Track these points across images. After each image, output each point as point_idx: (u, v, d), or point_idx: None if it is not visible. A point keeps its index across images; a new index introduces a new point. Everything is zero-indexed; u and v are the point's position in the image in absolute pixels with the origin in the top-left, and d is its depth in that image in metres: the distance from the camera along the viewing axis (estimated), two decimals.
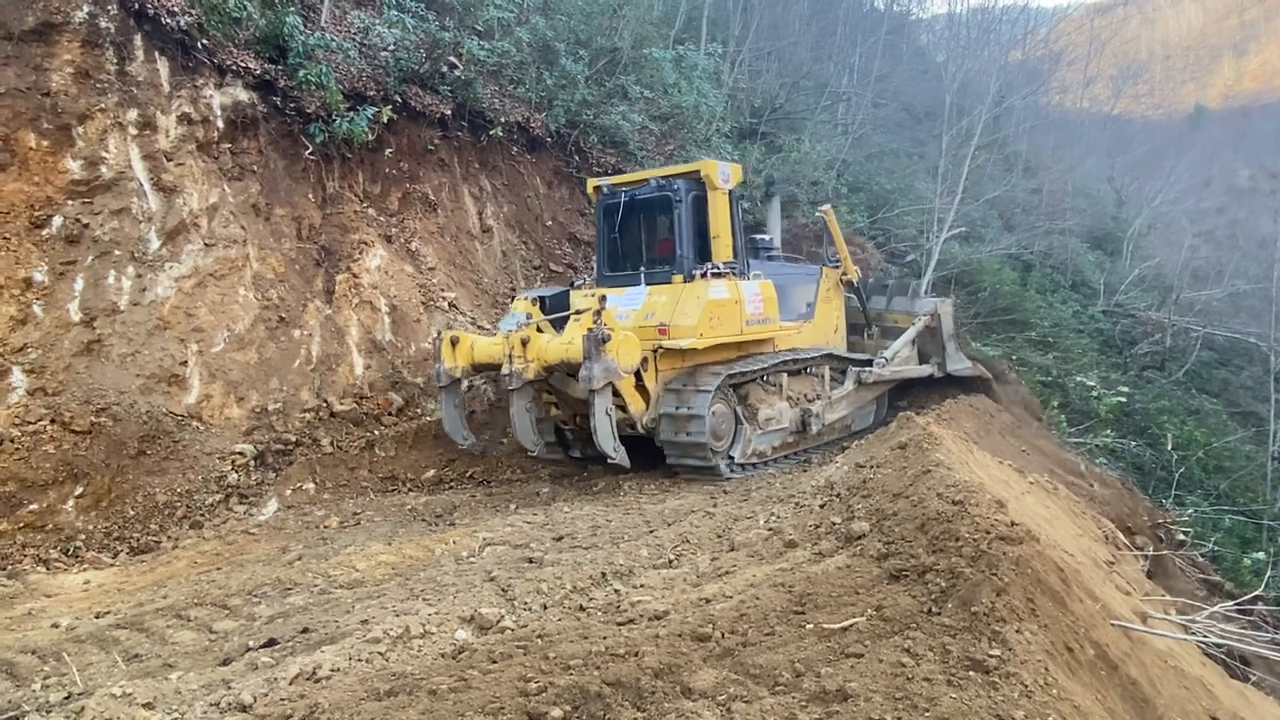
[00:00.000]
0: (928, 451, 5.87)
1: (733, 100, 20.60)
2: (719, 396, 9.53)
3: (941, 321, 12.81)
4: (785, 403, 10.54)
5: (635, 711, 3.40)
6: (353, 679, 3.97)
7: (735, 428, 9.82)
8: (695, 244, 10.11)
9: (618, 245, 10.83)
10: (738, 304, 9.95)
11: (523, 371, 8.94)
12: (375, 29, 12.50)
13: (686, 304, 9.50)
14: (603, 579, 5.67)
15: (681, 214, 10.02)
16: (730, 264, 10.11)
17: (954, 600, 4.23)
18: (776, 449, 10.46)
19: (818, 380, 11.26)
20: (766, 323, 10.42)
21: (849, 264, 12.57)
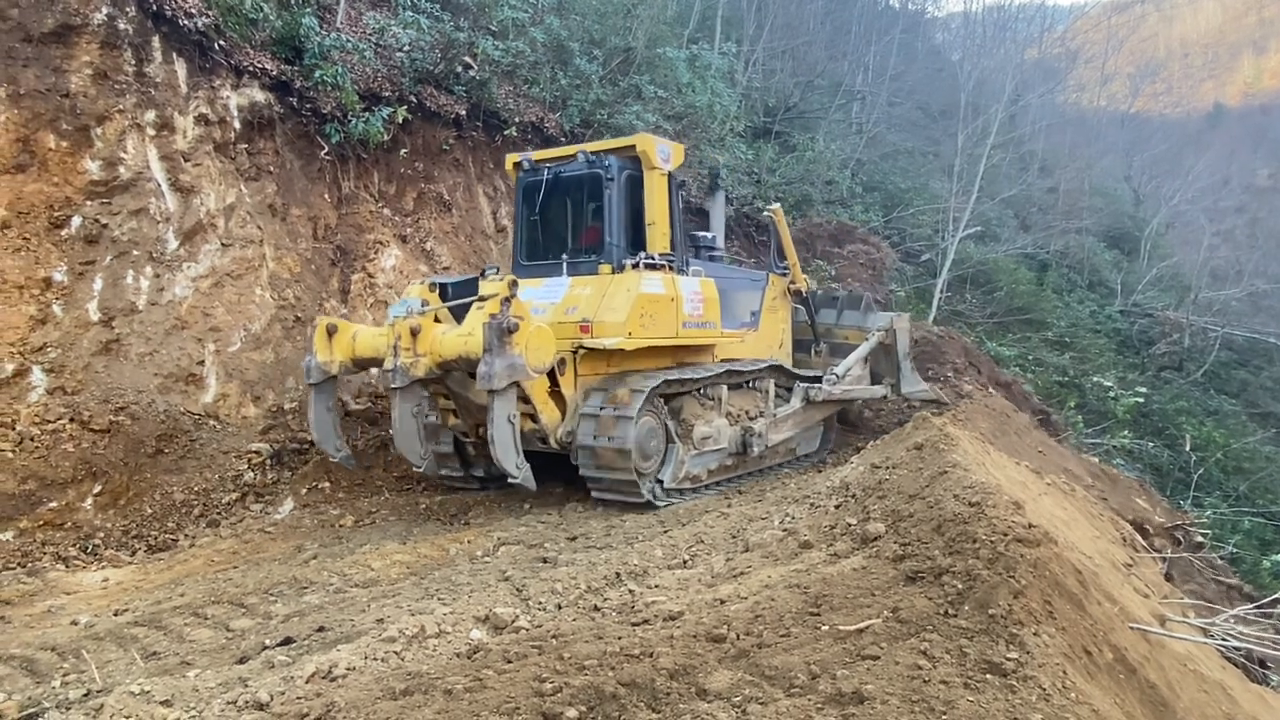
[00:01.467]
0: (944, 452, 5.83)
1: (747, 99, 20.58)
2: (649, 408, 8.26)
3: (897, 338, 11.71)
4: (724, 420, 9.28)
5: (650, 712, 3.40)
6: (368, 678, 3.98)
7: (666, 447, 8.55)
8: (628, 231, 8.92)
9: (538, 230, 9.49)
10: (674, 302, 8.72)
11: (410, 368, 7.53)
12: (390, 29, 12.56)
13: (614, 298, 8.20)
14: (617, 579, 5.66)
15: (613, 195, 8.76)
16: (667, 256, 8.90)
17: (971, 602, 4.20)
18: (713, 473, 9.17)
19: (761, 396, 10.10)
20: (706, 327, 9.26)
21: (798, 271, 11.59)
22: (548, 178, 9.21)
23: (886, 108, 26.47)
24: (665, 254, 8.88)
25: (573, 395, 8.27)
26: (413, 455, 7.86)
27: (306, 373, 8.35)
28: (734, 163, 18.16)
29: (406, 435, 7.73)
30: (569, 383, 8.25)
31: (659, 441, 8.43)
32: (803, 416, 10.49)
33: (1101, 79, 41.24)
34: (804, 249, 18.43)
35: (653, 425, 8.32)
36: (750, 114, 20.58)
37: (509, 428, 7.34)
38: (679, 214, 9.33)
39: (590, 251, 9.01)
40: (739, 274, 11.26)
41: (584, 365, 8.33)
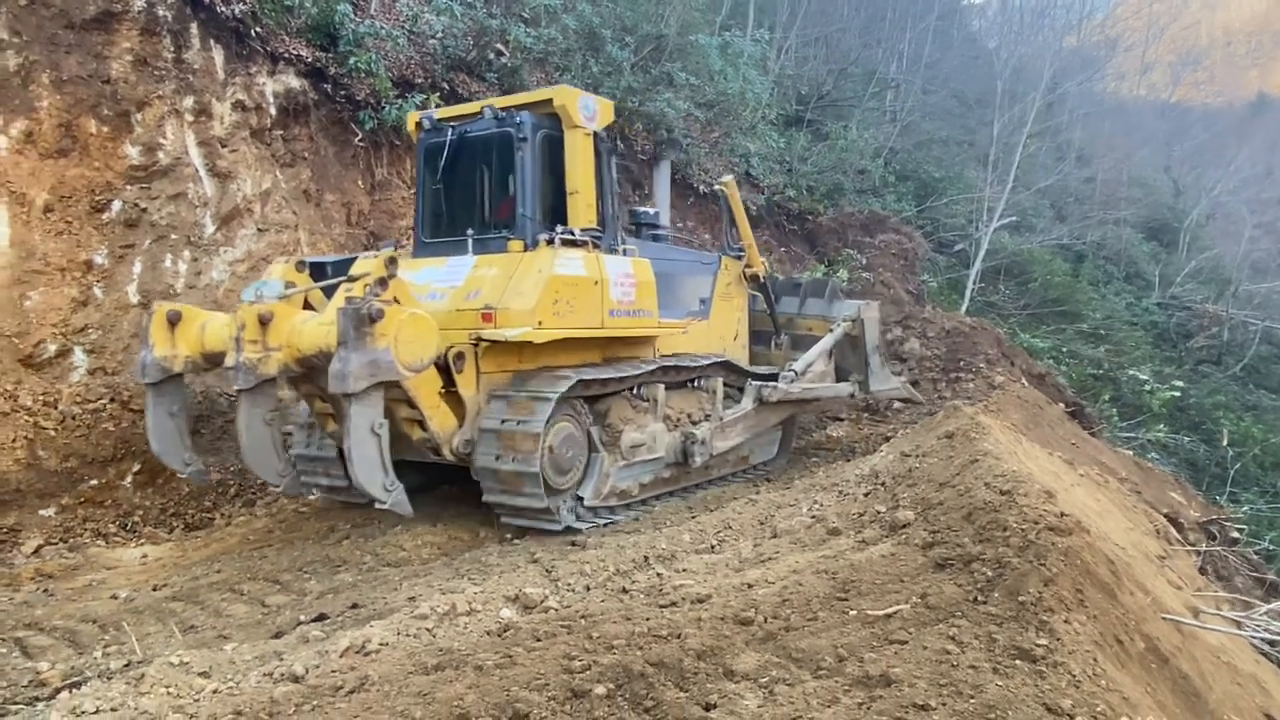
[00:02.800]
0: (975, 441, 5.80)
1: (779, 87, 20.44)
2: (565, 412, 7.10)
3: (865, 329, 10.33)
4: (661, 425, 8.06)
5: (678, 691, 3.43)
6: (401, 653, 4.05)
7: (588, 457, 7.41)
8: (543, 201, 7.65)
9: (442, 201, 8.15)
10: (599, 286, 7.44)
11: (257, 364, 6.21)
12: (424, 17, 12.62)
13: (522, 280, 6.94)
14: (645, 562, 5.71)
15: (526, 158, 7.47)
16: (593, 232, 7.67)
17: (1000, 589, 4.19)
18: (646, 486, 7.99)
19: (707, 397, 8.83)
20: (639, 315, 7.93)
21: (754, 253, 10.24)
22: (451, 139, 7.80)
23: (921, 96, 26.18)
24: (590, 229, 7.61)
25: (473, 397, 6.94)
26: (267, 472, 6.63)
27: (140, 370, 6.92)
28: (765, 151, 18.06)
29: (257, 448, 6.40)
30: (468, 382, 6.91)
31: (578, 451, 7.25)
32: (755, 420, 9.17)
33: (1142, 67, 40.48)
34: (835, 238, 18.34)
35: (570, 433, 7.13)
36: (782, 102, 20.45)
37: (372, 441, 5.91)
38: (611, 183, 8.09)
39: (501, 226, 7.68)
40: (686, 256, 9.96)
41: (488, 361, 7.02)
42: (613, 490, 7.53)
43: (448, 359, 6.72)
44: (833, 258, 17.34)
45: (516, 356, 7.26)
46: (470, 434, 6.91)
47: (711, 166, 16.69)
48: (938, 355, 13.30)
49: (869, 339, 10.37)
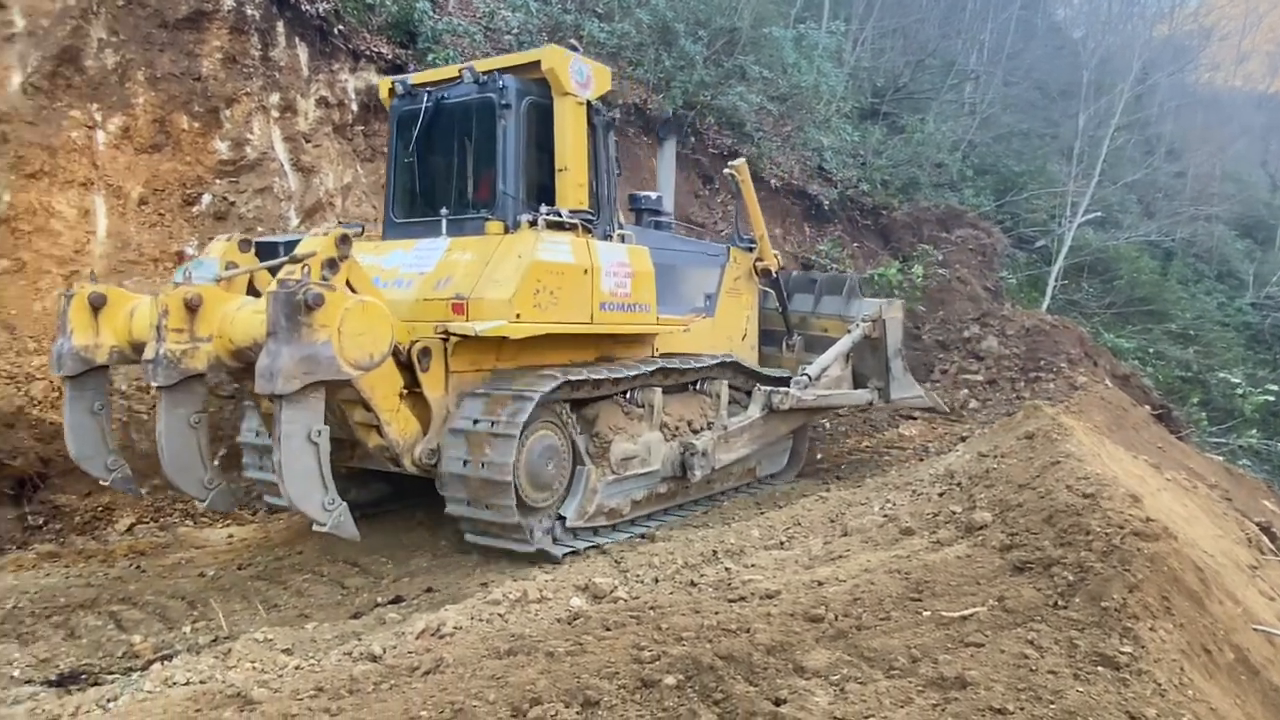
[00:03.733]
0: (1057, 442, 5.65)
1: (854, 79, 20.14)
2: (546, 418, 6.33)
3: (886, 331, 9.45)
4: (657, 434, 7.27)
5: (747, 685, 3.42)
6: (474, 637, 4.14)
7: (573, 470, 6.63)
8: (528, 177, 6.84)
9: (414, 177, 7.34)
10: (588, 275, 6.61)
11: (181, 357, 5.43)
12: (500, 13, 12.78)
13: (500, 266, 6.10)
14: (714, 556, 5.71)
15: (509, 129, 6.63)
16: (583, 214, 6.85)
17: (1082, 595, 4.09)
18: (639, 504, 7.19)
19: (710, 403, 8.01)
20: (635, 310, 7.09)
21: (766, 246, 9.39)
22: (427, 106, 7.01)
23: (1001, 88, 25.47)
24: (580, 212, 6.82)
25: (440, 399, 6.08)
26: (189, 484, 5.74)
27: (55, 362, 6.02)
28: (839, 145, 17.81)
29: (179, 456, 5.61)
30: (435, 382, 6.05)
31: (561, 464, 6.44)
32: (764, 429, 8.38)
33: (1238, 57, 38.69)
34: (910, 233, 17.98)
35: (552, 443, 6.36)
36: (857, 94, 20.12)
37: (308, 452, 5.03)
38: (608, 161, 7.39)
39: (481, 206, 6.88)
40: (691, 246, 9.14)
41: (459, 358, 6.18)
42: (600, 509, 6.69)
43: (411, 355, 5.85)
44: (907, 253, 17.01)
45: (494, 354, 6.41)
46: (436, 441, 6.03)
47: (783, 160, 16.53)
48: (1016, 354, 12.96)
49: (890, 342, 9.49)
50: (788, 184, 16.40)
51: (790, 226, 16.72)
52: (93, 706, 3.97)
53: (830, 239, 16.70)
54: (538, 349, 6.59)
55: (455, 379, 6.19)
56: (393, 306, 5.79)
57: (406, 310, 6.06)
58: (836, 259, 16.00)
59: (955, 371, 12.86)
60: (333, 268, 5.33)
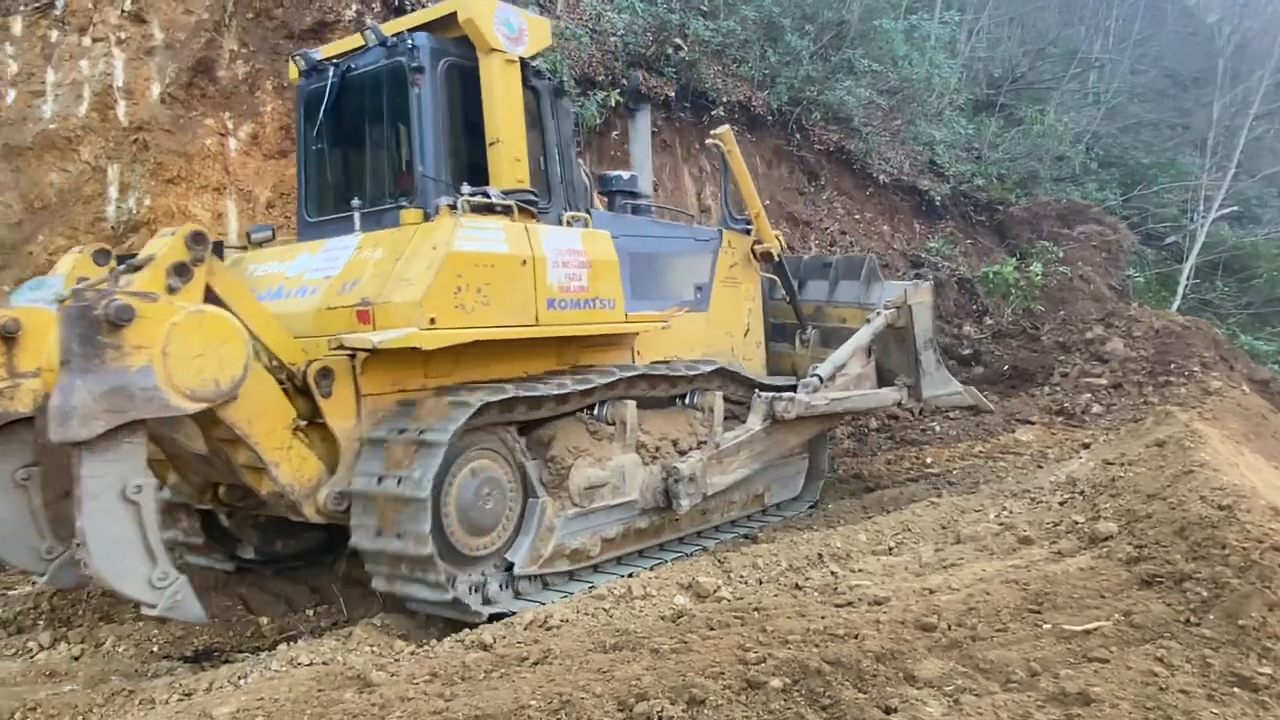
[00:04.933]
0: (1190, 450, 5.35)
1: (968, 70, 19.52)
2: (482, 444, 5.25)
3: (914, 319, 7.98)
4: (633, 456, 6.08)
5: (856, 692, 3.36)
6: (580, 630, 4.20)
7: (522, 504, 5.48)
8: (453, 154, 5.76)
9: (325, 166, 6.35)
10: (528, 267, 5.44)
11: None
12: (606, 15, 12.91)
13: (411, 263, 5.05)
14: (819, 560, 5.63)
15: (424, 97, 5.53)
16: (522, 195, 5.65)
17: (1217, 612, 3.87)
18: (612, 542, 5.98)
19: (700, 417, 6.78)
20: (595, 307, 5.90)
21: (764, 225, 7.98)
22: (333, 82, 5.94)
23: (1128, 76, 24.22)
24: (518, 191, 5.64)
25: (350, 430, 4.98)
26: (22, 556, 4.79)
27: None
28: (952, 138, 17.28)
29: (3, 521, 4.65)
30: (341, 410, 4.96)
31: (505, 499, 5.32)
32: (767, 444, 7.01)
33: None
34: (1028, 229, 17.28)
35: (492, 475, 5.25)
36: (972, 86, 19.47)
37: (125, 514, 4.01)
38: (558, 132, 6.28)
39: (400, 194, 5.84)
40: (675, 231, 7.92)
41: (372, 378, 5.07)
42: (559, 550, 5.51)
43: (307, 378, 4.78)
44: (1025, 250, 16.35)
45: (420, 369, 5.26)
46: (345, 483, 4.91)
47: (892, 155, 16.14)
48: (1144, 357, 12.28)
49: (919, 331, 8.04)
50: (897, 179, 16.00)
51: (899, 223, 16.31)
52: (225, 682, 4.22)
53: (941, 236, 16.21)
54: (480, 360, 5.48)
55: (370, 404, 5.05)
56: (291, 320, 5.07)
57: (308, 323, 5.10)
58: (948, 256, 15.52)
59: (1077, 374, 12.28)
60: (183, 274, 4.31)
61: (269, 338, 4.78)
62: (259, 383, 4.57)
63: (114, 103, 8.44)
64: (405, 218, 5.36)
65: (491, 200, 5.41)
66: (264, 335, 4.74)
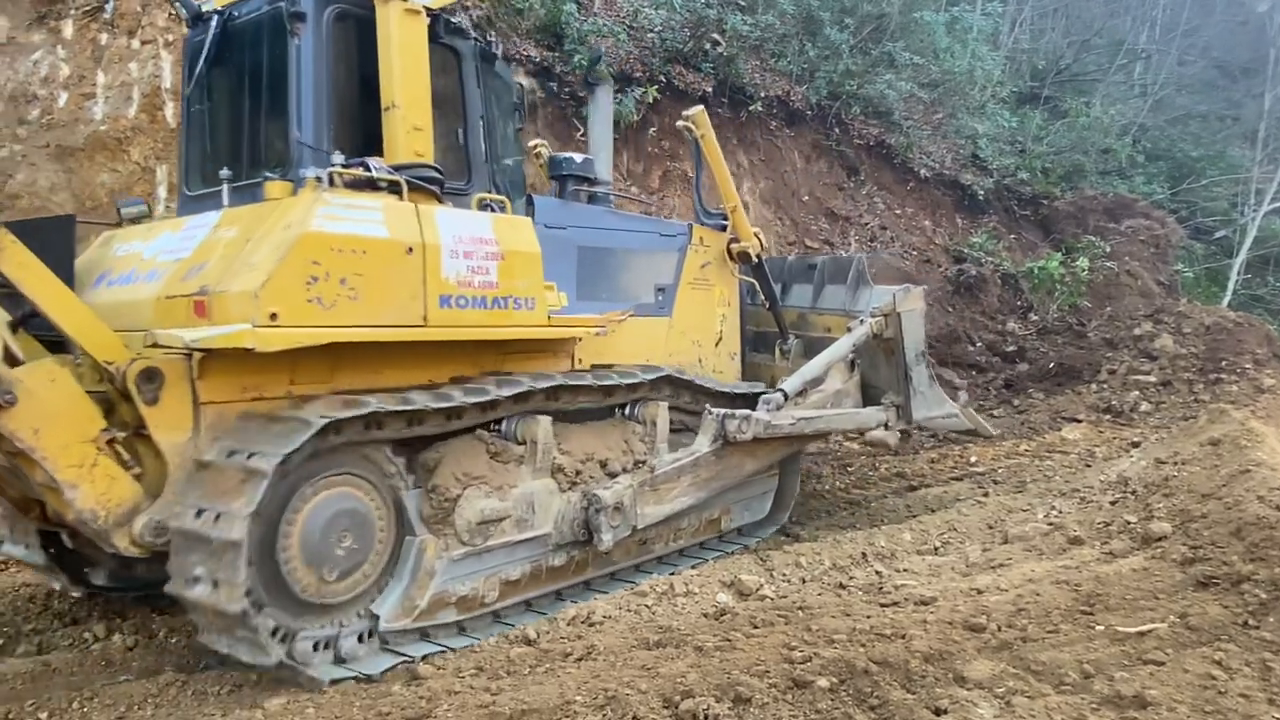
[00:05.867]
0: (1246, 449, 5.21)
1: (1011, 62, 19.21)
2: (341, 467, 4.33)
3: (902, 328, 6.85)
4: (546, 481, 5.13)
5: (904, 693, 3.32)
6: (623, 626, 4.20)
7: (397, 543, 4.56)
8: (341, 119, 4.86)
9: (205, 131, 5.42)
10: (416, 255, 4.55)
11: None
12: (644, 11, 12.89)
13: (259, 245, 4.23)
14: (863, 559, 5.58)
15: (304, 49, 4.69)
16: (420, 170, 4.79)
17: (1276, 614, 3.79)
18: (517, 585, 5.01)
19: (640, 432, 5.88)
20: (507, 307, 4.96)
21: (742, 221, 7.08)
22: (215, 33, 5.09)
23: (1176, 67, 23.67)
24: (415, 166, 4.80)
25: (180, 446, 4.14)
26: None
27: None
28: (995, 131, 17.00)
29: None
30: (171, 421, 4.13)
31: (371, 537, 4.39)
32: (717, 469, 5.96)
33: None
34: (1074, 224, 16.96)
35: (352, 508, 4.33)
36: (1015, 78, 19.17)
37: None
38: (489, 104, 5.48)
39: (276, 164, 4.90)
40: (636, 224, 6.93)
41: (214, 383, 4.21)
42: (440, 599, 4.57)
43: (126, 381, 3.99)
44: (1071, 245, 16.05)
45: (286, 374, 4.38)
46: (168, 510, 4.06)
47: (934, 149, 15.93)
48: (1194, 354, 11.98)
49: (909, 343, 6.89)
50: (939, 174, 15.79)
51: (941, 218, 16.09)
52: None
53: (985, 230, 15.97)
54: (367, 364, 4.62)
55: (212, 415, 4.21)
56: (132, 309, 4.40)
57: (147, 313, 4.35)
58: (991, 251, 15.28)
59: (1125, 371, 12.02)
60: None
61: (79, 330, 4.02)
62: (47, 385, 3.82)
63: (162, 104, 8.59)
64: (270, 191, 4.55)
65: (373, 174, 4.57)
66: (71, 327, 4.01)
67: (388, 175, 4.59)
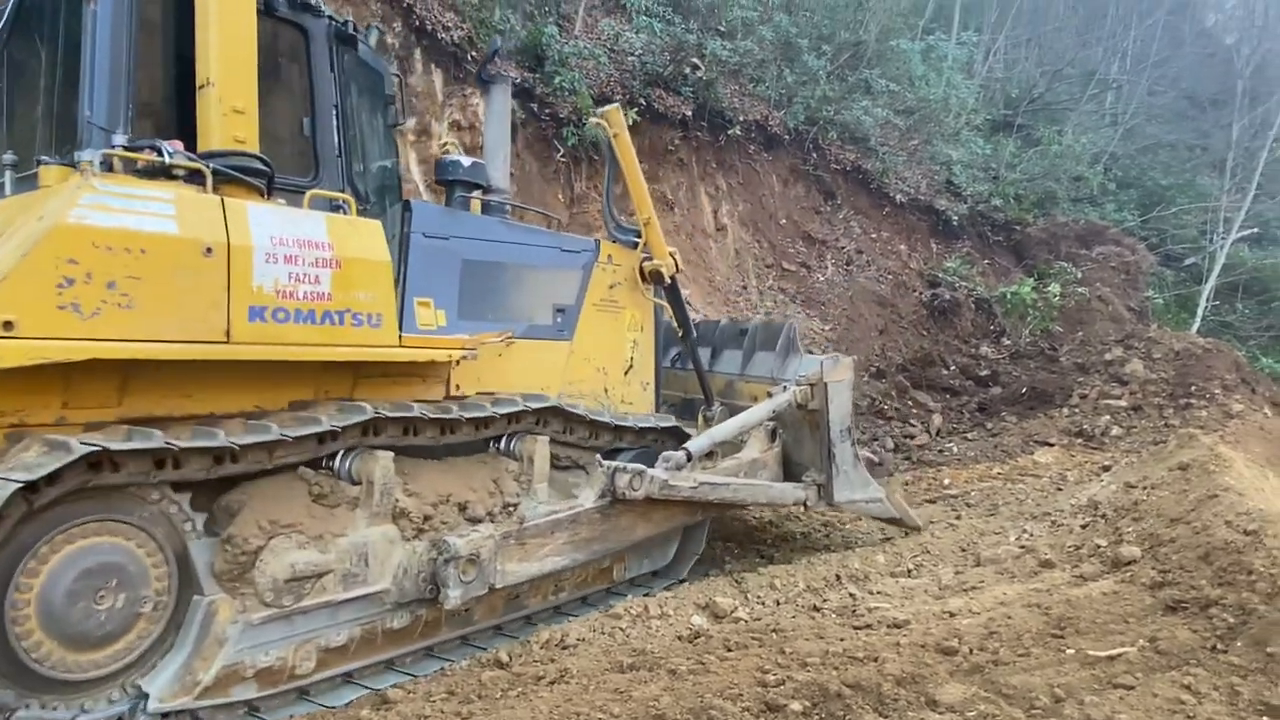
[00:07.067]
0: (1215, 474, 5.29)
1: (985, 91, 19.55)
2: (100, 515, 3.64)
3: (829, 399, 6.25)
4: (385, 528, 4.42)
5: (877, 716, 3.32)
6: (596, 649, 4.17)
7: (176, 604, 3.84)
8: (133, 97, 4.14)
9: (5, 110, 4.77)
10: (215, 257, 3.85)
11: None
12: (624, 35, 13.00)
13: (9, 240, 3.58)
14: (837, 581, 5.58)
15: (100, 15, 4.05)
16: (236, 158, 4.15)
17: (1244, 639, 3.82)
18: (342, 652, 4.26)
19: (514, 470, 5.23)
20: (343, 323, 4.27)
21: (656, 237, 6.47)
22: (13, 3, 4.52)
23: (1146, 97, 24.15)
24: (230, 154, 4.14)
25: None
26: None
27: None
28: (969, 158, 17.26)
29: None
30: None
31: (138, 597, 3.69)
32: (602, 530, 5.23)
33: None
34: (1046, 250, 17.22)
35: (112, 561, 3.63)
36: (989, 106, 19.48)
37: None
38: (343, 90, 4.86)
39: (65, 148, 4.18)
40: (530, 237, 6.13)
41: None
42: (234, 672, 3.84)
43: None
44: (1043, 270, 16.28)
45: (57, 397, 3.70)
46: None
47: (909, 175, 16.14)
48: (1164, 379, 12.14)
49: (834, 417, 6.27)
50: (914, 199, 16.00)
51: (916, 242, 16.28)
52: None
53: (959, 255, 16.17)
54: (169, 385, 3.95)
55: None
56: None
57: None
58: (965, 276, 15.46)
59: (1096, 396, 12.15)
60: None
61: None
62: None
63: None
64: (44, 177, 3.86)
65: (166, 159, 3.87)
66: None
67: (186, 161, 3.92)
